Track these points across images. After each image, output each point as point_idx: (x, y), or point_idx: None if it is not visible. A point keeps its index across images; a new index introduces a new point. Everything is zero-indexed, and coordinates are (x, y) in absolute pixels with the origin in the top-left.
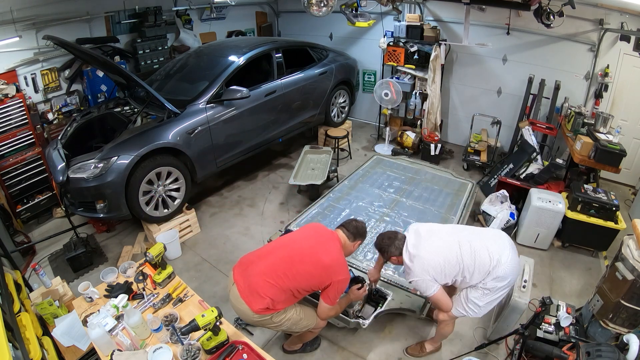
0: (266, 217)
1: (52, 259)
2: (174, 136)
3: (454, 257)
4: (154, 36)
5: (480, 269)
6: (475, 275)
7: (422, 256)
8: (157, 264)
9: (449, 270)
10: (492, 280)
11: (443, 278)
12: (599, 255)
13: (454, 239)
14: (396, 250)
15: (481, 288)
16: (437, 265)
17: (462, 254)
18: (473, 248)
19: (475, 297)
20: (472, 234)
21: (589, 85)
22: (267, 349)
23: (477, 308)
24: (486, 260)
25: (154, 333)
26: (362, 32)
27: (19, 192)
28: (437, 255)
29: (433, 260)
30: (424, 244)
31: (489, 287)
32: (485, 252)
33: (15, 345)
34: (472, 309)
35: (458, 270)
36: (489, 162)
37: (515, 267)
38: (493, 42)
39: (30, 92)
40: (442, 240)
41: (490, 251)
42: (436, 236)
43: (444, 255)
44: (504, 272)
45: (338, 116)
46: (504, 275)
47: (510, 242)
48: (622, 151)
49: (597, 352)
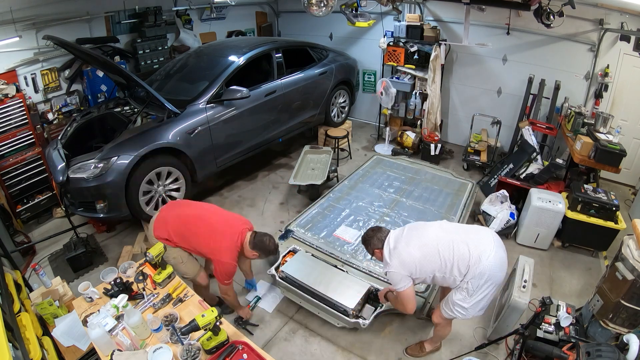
0: (266, 217)
1: (52, 259)
2: (174, 136)
3: (432, 251)
4: (154, 36)
5: (459, 264)
6: (454, 270)
7: (400, 250)
8: (157, 264)
9: (426, 265)
10: (472, 279)
11: (420, 273)
12: (599, 255)
13: (435, 234)
14: (378, 242)
15: (464, 289)
16: (414, 259)
17: (440, 248)
18: (452, 241)
19: (459, 299)
20: (455, 230)
21: (589, 85)
22: (267, 349)
23: (464, 310)
24: (465, 254)
25: (154, 333)
26: (362, 32)
27: (19, 192)
28: (415, 250)
29: (410, 254)
30: (404, 238)
31: (470, 287)
32: (464, 246)
33: (15, 345)
34: (459, 311)
35: (436, 265)
36: (489, 162)
37: (500, 265)
38: (493, 42)
39: (30, 92)
40: (422, 235)
41: (470, 246)
42: (418, 232)
43: (422, 250)
44: (483, 269)
45: (338, 116)
46: (484, 273)
47: (497, 240)
48: (622, 151)
49: (597, 352)
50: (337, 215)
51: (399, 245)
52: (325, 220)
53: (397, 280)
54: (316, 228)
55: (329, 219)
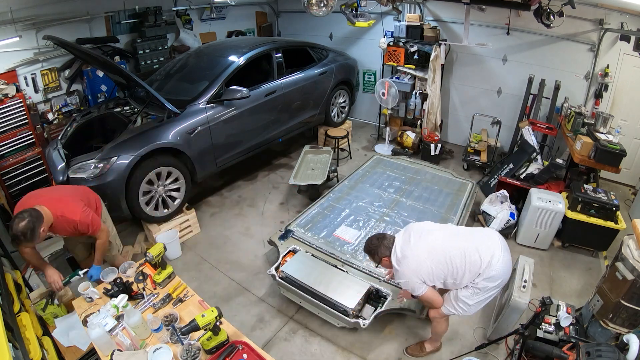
0: (266, 217)
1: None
2: (174, 136)
3: (442, 259)
4: (154, 36)
5: (470, 270)
6: (466, 276)
7: (409, 259)
8: (157, 264)
9: (437, 272)
10: (483, 280)
11: (432, 280)
12: (599, 255)
13: (444, 240)
14: (386, 250)
15: (472, 287)
16: (425, 267)
17: (451, 256)
18: (463, 249)
19: (465, 296)
20: (463, 235)
21: (589, 85)
22: (267, 349)
23: (467, 307)
24: (477, 261)
25: (154, 333)
26: (362, 32)
27: (19, 192)
28: (425, 257)
29: (421, 263)
30: (412, 246)
31: (480, 286)
32: (475, 253)
33: (15, 345)
34: (462, 307)
35: (448, 271)
36: (489, 162)
37: (507, 268)
38: (493, 42)
39: (30, 92)
40: (430, 242)
41: (480, 252)
42: (425, 238)
43: (432, 257)
44: (495, 273)
45: (338, 116)
46: (495, 276)
47: (503, 242)
48: (622, 151)
49: (597, 352)
50: (337, 215)
51: (407, 252)
52: (325, 220)
53: (412, 288)
54: (316, 228)
55: (329, 219)
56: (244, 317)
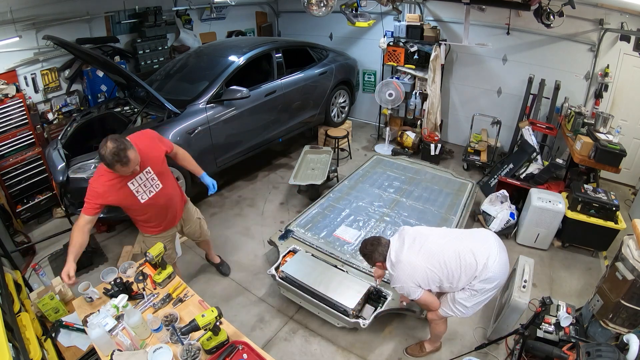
0: (266, 217)
1: (52, 259)
2: (174, 136)
3: (437, 262)
4: (154, 36)
5: (466, 273)
6: (462, 279)
7: (403, 263)
8: (157, 264)
9: (432, 276)
10: (479, 282)
11: (427, 284)
12: (599, 255)
13: (438, 244)
14: (380, 256)
15: (469, 289)
16: (420, 271)
17: (446, 260)
18: (458, 252)
19: (463, 299)
20: (458, 237)
21: (589, 85)
22: (267, 349)
23: (464, 309)
24: (472, 263)
25: (154, 333)
26: (362, 32)
27: (19, 192)
28: (419, 262)
29: (415, 268)
30: (406, 251)
31: (477, 288)
32: (470, 255)
33: (15, 345)
34: (460, 310)
35: (443, 275)
36: (489, 162)
37: (504, 269)
38: (493, 42)
39: (30, 92)
40: (424, 246)
41: (476, 254)
42: (419, 242)
43: (427, 261)
44: (492, 274)
45: (338, 116)
46: (492, 277)
47: (499, 242)
48: (622, 151)
49: (597, 352)
50: (337, 215)
51: (401, 257)
52: (325, 220)
53: (408, 292)
54: (316, 228)
55: (329, 219)
56: (244, 317)
